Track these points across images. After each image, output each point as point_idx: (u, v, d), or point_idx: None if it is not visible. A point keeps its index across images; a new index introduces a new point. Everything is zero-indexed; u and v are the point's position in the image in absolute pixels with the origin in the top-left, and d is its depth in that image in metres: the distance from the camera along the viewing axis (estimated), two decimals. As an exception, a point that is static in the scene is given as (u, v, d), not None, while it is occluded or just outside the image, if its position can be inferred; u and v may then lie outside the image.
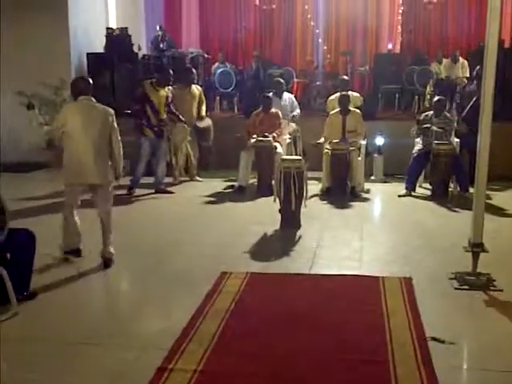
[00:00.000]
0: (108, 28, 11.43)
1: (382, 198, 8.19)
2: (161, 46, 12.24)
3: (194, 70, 9.09)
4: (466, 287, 4.56)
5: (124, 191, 7.78)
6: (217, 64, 12.63)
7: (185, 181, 8.83)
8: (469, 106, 8.31)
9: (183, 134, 8.46)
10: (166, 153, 8.30)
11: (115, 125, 5.17)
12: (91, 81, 5.33)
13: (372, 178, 8.88)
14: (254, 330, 3.85)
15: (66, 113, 5.21)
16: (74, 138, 5.03)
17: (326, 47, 14.13)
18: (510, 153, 8.65)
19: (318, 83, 12.08)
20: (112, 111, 5.18)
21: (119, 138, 5.20)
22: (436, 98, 8.27)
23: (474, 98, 8.06)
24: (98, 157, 5.06)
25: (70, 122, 5.04)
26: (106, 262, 5.11)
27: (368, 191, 8.18)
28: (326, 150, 8.02)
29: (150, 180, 8.21)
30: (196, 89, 8.88)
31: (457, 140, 8.23)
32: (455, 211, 7.13)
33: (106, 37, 11.17)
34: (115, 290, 4.74)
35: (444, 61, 12.33)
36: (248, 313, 4.16)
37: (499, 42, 4.56)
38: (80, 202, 5.30)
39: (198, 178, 8.95)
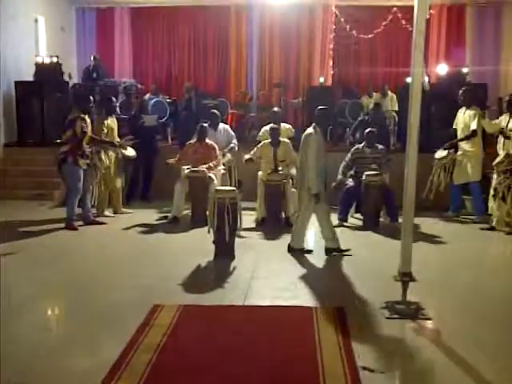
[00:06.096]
0: (38, 56, 11.23)
1: (315, 228, 8.26)
2: (93, 75, 12.13)
3: (114, 99, 8.91)
4: (396, 316, 4.64)
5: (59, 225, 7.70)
6: (148, 95, 12.54)
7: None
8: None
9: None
10: (92, 183, 8.03)
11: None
12: None
13: (305, 208, 8.97)
14: (186, 364, 3.77)
15: None
16: None
17: (260, 80, 14.34)
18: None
19: (252, 115, 12.22)
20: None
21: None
22: (367, 130, 8.47)
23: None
24: None
25: None
26: None
27: (302, 221, 8.23)
28: (260, 181, 8.07)
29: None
30: (115, 118, 8.60)
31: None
32: (386, 241, 7.29)
33: (36, 65, 10.96)
34: (44, 327, 4.53)
35: (374, 94, 12.75)
36: (180, 346, 4.07)
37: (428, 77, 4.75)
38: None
39: (124, 210, 8.70)
